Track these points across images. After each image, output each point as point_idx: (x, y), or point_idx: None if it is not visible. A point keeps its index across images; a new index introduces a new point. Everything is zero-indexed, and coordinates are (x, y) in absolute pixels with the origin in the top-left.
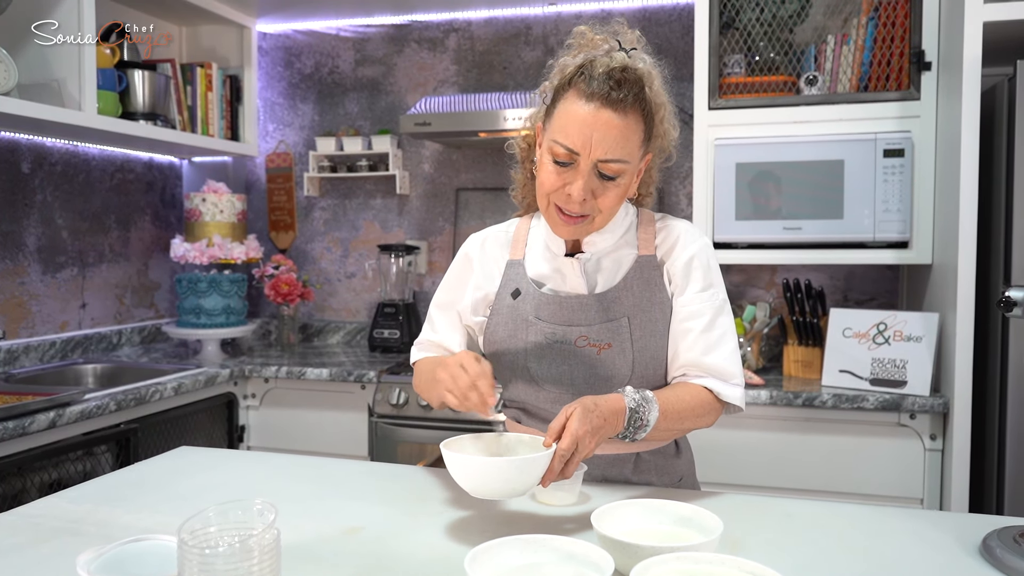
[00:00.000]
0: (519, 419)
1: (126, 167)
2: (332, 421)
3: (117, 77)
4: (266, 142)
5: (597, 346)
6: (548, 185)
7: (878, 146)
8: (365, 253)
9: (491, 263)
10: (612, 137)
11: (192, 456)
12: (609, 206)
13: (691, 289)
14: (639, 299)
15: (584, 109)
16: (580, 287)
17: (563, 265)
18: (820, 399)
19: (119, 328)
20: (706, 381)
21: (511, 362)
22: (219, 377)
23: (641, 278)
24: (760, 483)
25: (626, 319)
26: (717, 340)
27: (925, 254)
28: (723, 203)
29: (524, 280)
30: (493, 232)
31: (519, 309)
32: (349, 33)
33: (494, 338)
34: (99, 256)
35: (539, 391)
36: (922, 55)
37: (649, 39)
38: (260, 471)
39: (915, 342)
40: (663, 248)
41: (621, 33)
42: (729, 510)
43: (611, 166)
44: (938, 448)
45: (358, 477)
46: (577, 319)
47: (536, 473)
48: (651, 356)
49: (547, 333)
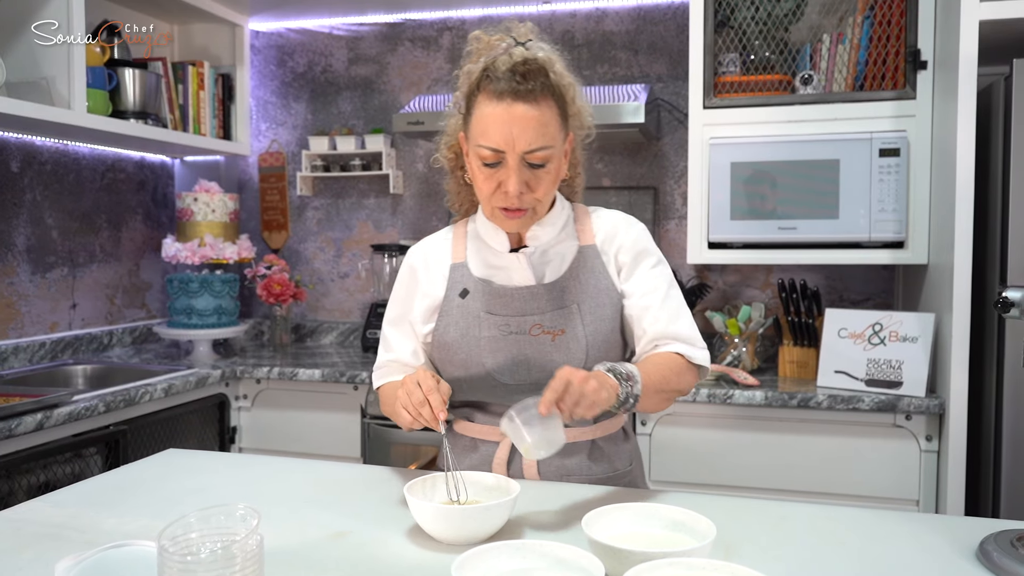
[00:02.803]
0: (471, 417)
1: (117, 166)
2: (324, 422)
3: (107, 75)
4: (259, 141)
5: (551, 333)
6: (486, 189)
7: (874, 145)
8: (358, 253)
9: (435, 270)
10: (531, 128)
11: (179, 459)
12: (545, 191)
13: (642, 268)
14: (586, 286)
15: (498, 108)
16: (528, 279)
17: (509, 261)
18: (815, 400)
19: (110, 329)
20: (675, 347)
21: (464, 360)
22: (210, 378)
23: (585, 267)
24: (754, 484)
25: (576, 305)
26: (677, 310)
27: (921, 254)
28: (718, 203)
29: (470, 280)
30: (432, 240)
31: (469, 307)
32: (342, 32)
33: (445, 339)
34: (90, 256)
35: (495, 386)
36: (918, 54)
37: (644, 38)
38: (248, 474)
39: (911, 343)
40: (602, 236)
41: (514, 29)
42: (722, 513)
43: (537, 155)
44: (934, 449)
45: (348, 480)
46: (530, 308)
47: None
48: (603, 340)
49: (500, 326)
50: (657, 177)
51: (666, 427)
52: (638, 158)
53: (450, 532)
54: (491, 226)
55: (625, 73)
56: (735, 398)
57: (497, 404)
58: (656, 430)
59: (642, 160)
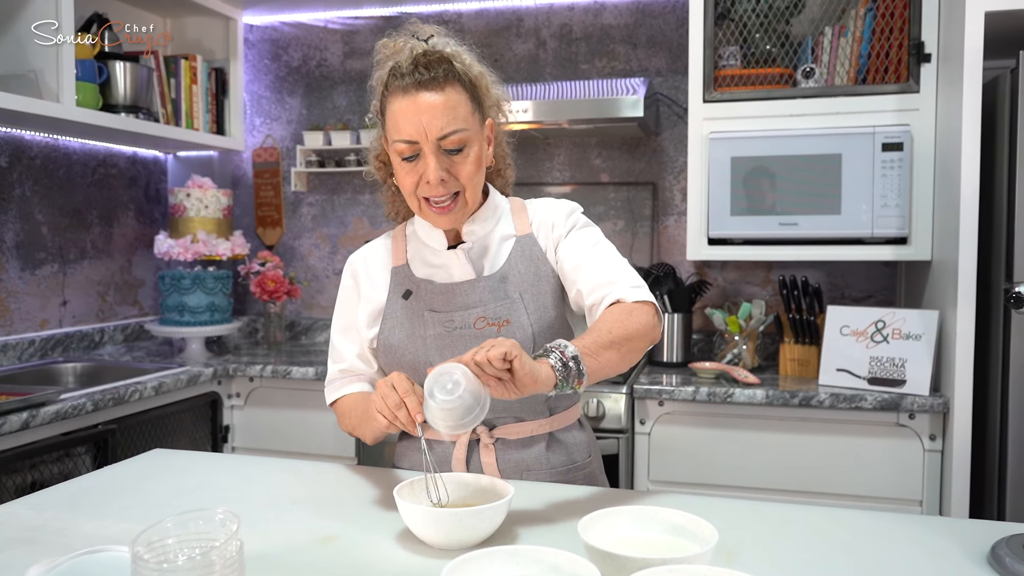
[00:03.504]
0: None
1: (108, 161)
2: (319, 421)
3: (97, 68)
4: (253, 136)
5: (496, 324)
6: (408, 184)
7: (876, 140)
8: (354, 249)
9: (376, 275)
10: (440, 113)
11: (165, 459)
12: (469, 175)
13: (571, 231)
14: (526, 275)
15: (404, 101)
16: (468, 274)
17: (447, 259)
18: (817, 399)
19: (101, 326)
20: (612, 295)
21: (412, 361)
22: (202, 376)
23: (524, 256)
24: (755, 485)
25: (519, 295)
26: (606, 258)
27: (924, 250)
28: (718, 198)
29: (412, 281)
30: (371, 247)
31: (412, 308)
32: (337, 25)
33: (391, 341)
34: (80, 252)
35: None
36: (921, 47)
37: (643, 32)
38: (235, 475)
39: (914, 340)
40: (536, 223)
41: (419, 31)
42: (722, 516)
43: (451, 139)
44: (938, 449)
45: (338, 481)
46: (472, 301)
47: (490, 524)
48: (548, 325)
49: (445, 322)
50: (656, 173)
51: (665, 426)
52: (636, 153)
53: (441, 537)
54: (428, 225)
55: (624, 67)
56: (735, 397)
57: None
58: (655, 429)
59: (641, 155)
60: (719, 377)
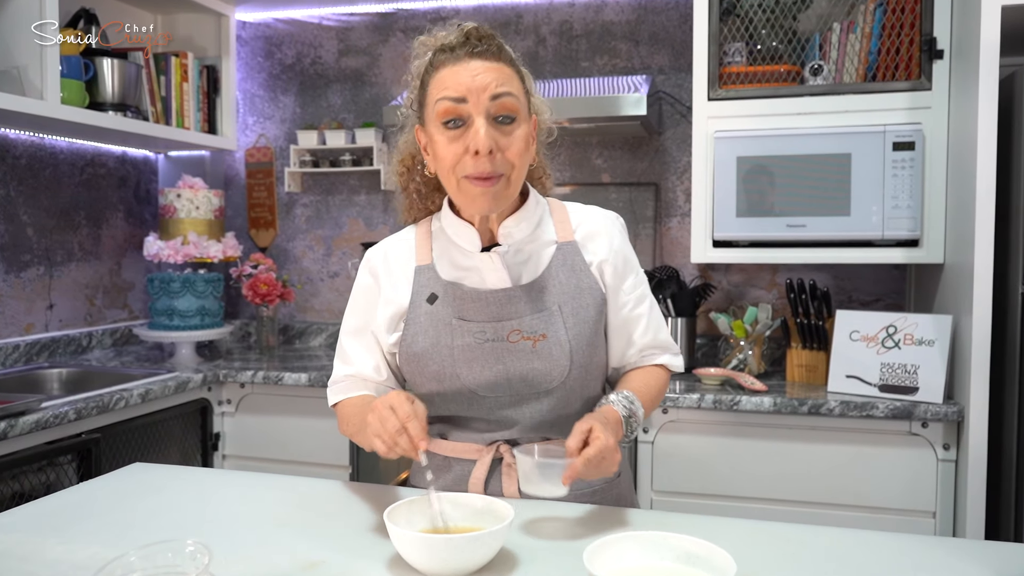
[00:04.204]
0: (445, 434)
1: (97, 161)
2: (312, 429)
3: (83, 65)
4: (246, 136)
5: (532, 338)
6: (449, 157)
7: (887, 139)
8: (349, 252)
9: (397, 274)
10: (492, 76)
11: (145, 474)
12: (518, 153)
13: (631, 275)
14: (566, 286)
15: (456, 67)
16: (503, 280)
17: (480, 261)
18: (827, 407)
19: (89, 330)
20: (662, 359)
21: (436, 372)
22: (191, 383)
23: (565, 265)
24: (762, 495)
25: (557, 307)
26: (659, 319)
27: (936, 253)
28: (723, 199)
29: (438, 284)
30: (392, 242)
31: (438, 314)
32: (332, 22)
33: (414, 349)
34: (67, 255)
35: (472, 399)
36: (934, 43)
37: (645, 28)
38: (218, 492)
39: (927, 346)
40: (582, 232)
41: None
42: (736, 539)
43: (504, 101)
44: (952, 459)
45: (328, 499)
46: (507, 313)
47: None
48: (586, 343)
49: (475, 333)
50: (659, 173)
51: (669, 435)
52: (639, 153)
53: (435, 564)
54: (459, 223)
55: (625, 65)
56: (742, 404)
57: (475, 419)
58: (659, 438)
59: (643, 155)
60: (724, 384)
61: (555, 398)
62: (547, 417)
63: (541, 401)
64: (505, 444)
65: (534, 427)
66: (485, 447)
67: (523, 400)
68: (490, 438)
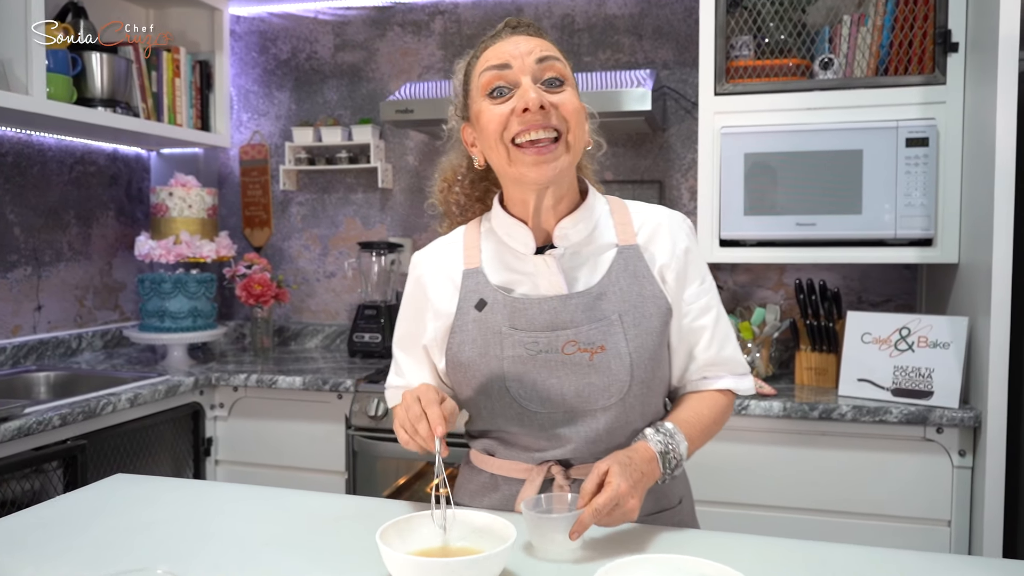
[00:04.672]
0: (491, 451)
1: (87, 159)
2: (307, 433)
3: (71, 60)
4: (240, 133)
5: (589, 350)
6: (496, 122)
7: (900, 135)
8: (346, 251)
9: (444, 279)
10: (536, 43)
11: (127, 487)
12: (572, 112)
13: (695, 282)
14: (628, 293)
15: (497, 43)
16: (559, 286)
17: (534, 265)
18: (839, 411)
19: (79, 332)
20: (724, 382)
21: (484, 385)
22: (182, 386)
23: (627, 270)
24: (772, 503)
25: (617, 316)
26: (726, 332)
27: (951, 253)
28: (730, 197)
29: (487, 288)
30: (440, 245)
31: (487, 321)
32: (328, 16)
33: (460, 359)
34: (56, 254)
35: (522, 414)
36: (948, 35)
37: (649, 21)
38: (203, 506)
39: (942, 349)
40: (645, 234)
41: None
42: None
43: (551, 64)
44: (968, 465)
45: (323, 514)
46: (562, 322)
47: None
48: (649, 356)
49: (527, 344)
50: (663, 170)
51: None
52: (642, 150)
53: None
54: (512, 222)
55: (629, 59)
56: (750, 409)
57: (524, 435)
58: None
59: (647, 152)
60: None
61: (613, 416)
62: (603, 436)
63: (597, 419)
64: (558, 465)
65: (589, 446)
66: (535, 467)
67: (578, 417)
68: (540, 457)
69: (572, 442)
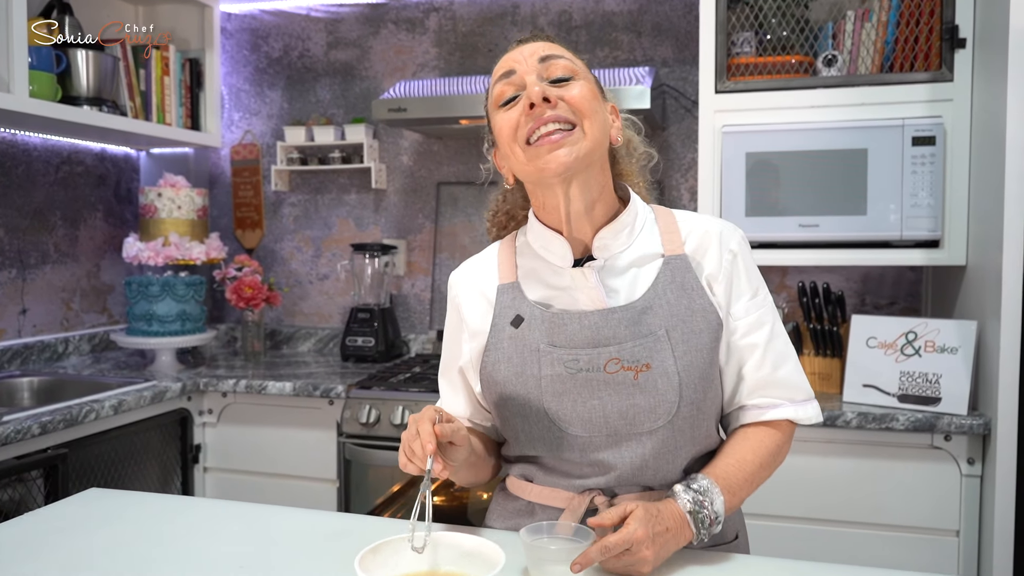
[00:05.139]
0: (531, 477)
1: (74, 158)
2: (298, 440)
3: (55, 57)
4: (231, 132)
5: (633, 369)
6: (509, 126)
7: (906, 133)
8: (339, 253)
9: (478, 296)
10: (541, 45)
11: (100, 502)
12: (583, 98)
13: (745, 295)
14: (676, 307)
15: (507, 54)
16: (599, 300)
17: (573, 278)
18: (844, 418)
19: (66, 336)
20: (781, 411)
21: (521, 407)
22: (168, 392)
23: (674, 282)
24: (775, 512)
25: (664, 331)
26: (783, 351)
27: (959, 254)
28: (731, 198)
29: (524, 304)
30: (475, 262)
31: (524, 339)
32: (321, 13)
33: (496, 378)
34: (42, 256)
35: (562, 438)
36: (955, 31)
37: (648, 18)
38: (180, 525)
39: (950, 354)
40: (694, 243)
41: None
42: None
43: (556, 63)
44: (977, 474)
45: (309, 534)
46: (604, 338)
47: None
48: (699, 376)
49: (567, 362)
50: (662, 170)
51: None
52: None
53: None
54: (548, 233)
55: (627, 57)
56: None
57: (564, 462)
58: None
59: None
60: None
61: (660, 440)
62: (650, 462)
63: (643, 443)
64: (601, 495)
65: (634, 474)
66: (577, 495)
67: (622, 441)
68: (582, 485)
69: (616, 469)
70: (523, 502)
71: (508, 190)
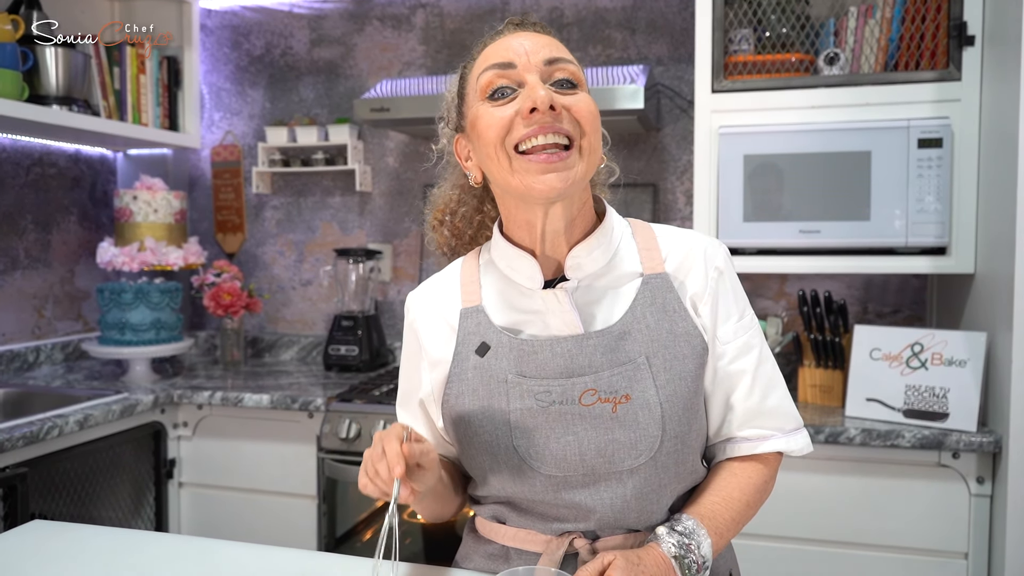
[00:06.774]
0: (503, 518)
1: (46, 160)
2: (276, 455)
3: (21, 54)
4: (211, 133)
5: (611, 400)
6: (498, 127)
7: (911, 135)
8: (322, 258)
9: (439, 321)
10: (545, 42)
11: (43, 537)
12: (587, 115)
13: (733, 317)
14: (657, 331)
15: (499, 40)
16: (573, 325)
17: (543, 301)
18: (847, 435)
19: (36, 344)
20: (772, 443)
21: (488, 444)
22: (139, 406)
23: (655, 304)
24: (774, 533)
25: (644, 358)
26: (772, 376)
27: (967, 262)
28: (728, 202)
29: (490, 330)
30: (433, 282)
31: (491, 369)
32: (304, 10)
33: (459, 412)
34: (12, 262)
35: (533, 478)
36: (963, 28)
37: (642, 15)
38: (133, 562)
39: (958, 367)
40: (674, 261)
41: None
42: None
43: (563, 66)
44: (986, 493)
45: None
46: (578, 367)
47: None
48: (683, 406)
49: (538, 394)
50: (657, 172)
51: None
52: (635, 151)
53: None
54: (515, 253)
55: (621, 55)
56: None
57: (537, 503)
58: None
59: (640, 153)
60: None
61: (642, 479)
62: (632, 503)
63: (624, 482)
64: (582, 538)
65: (616, 516)
66: (555, 538)
67: (600, 481)
68: (560, 528)
69: (595, 513)
70: (497, 546)
71: (467, 188)
